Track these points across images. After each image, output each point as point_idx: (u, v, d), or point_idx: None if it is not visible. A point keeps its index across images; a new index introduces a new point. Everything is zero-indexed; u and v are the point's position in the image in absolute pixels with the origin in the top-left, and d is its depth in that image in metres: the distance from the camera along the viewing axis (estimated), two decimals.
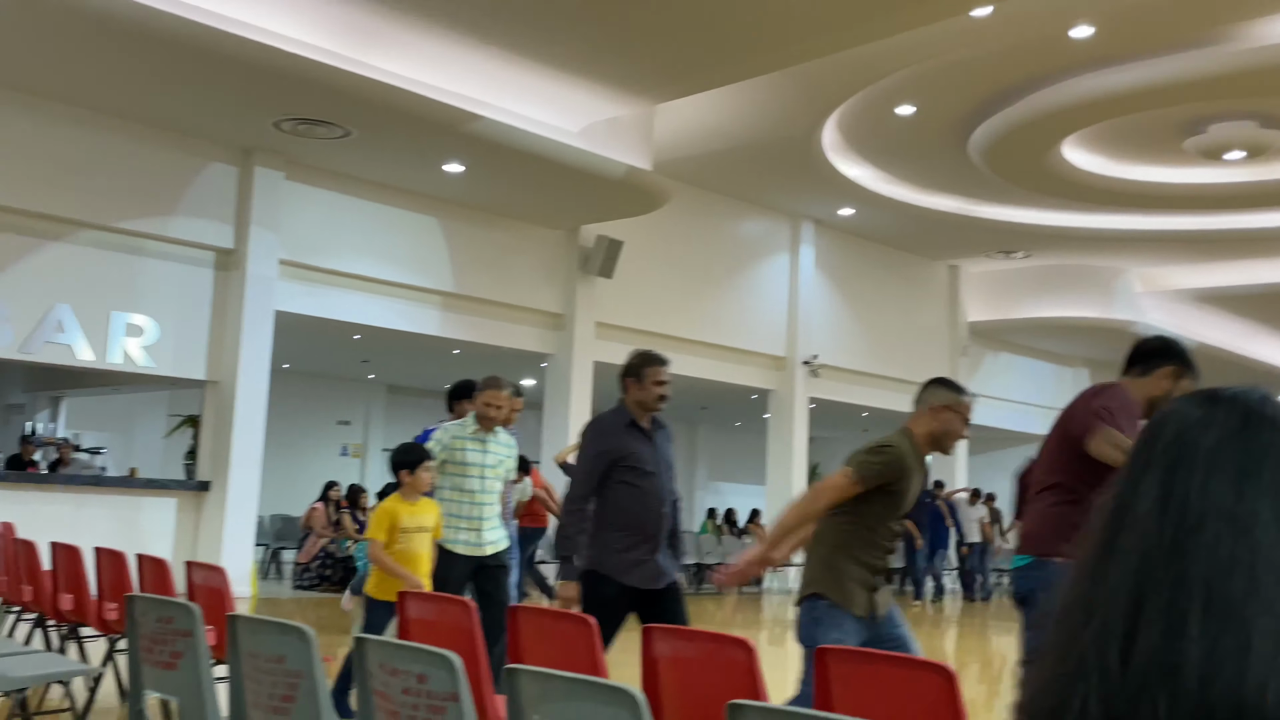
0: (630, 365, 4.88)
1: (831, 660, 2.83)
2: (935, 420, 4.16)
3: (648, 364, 4.86)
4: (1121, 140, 13.47)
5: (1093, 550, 0.98)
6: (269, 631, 2.88)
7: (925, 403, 4.21)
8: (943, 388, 4.26)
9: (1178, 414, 1.00)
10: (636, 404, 4.83)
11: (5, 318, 10.43)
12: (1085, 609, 0.94)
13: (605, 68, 10.58)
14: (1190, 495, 0.94)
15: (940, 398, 4.20)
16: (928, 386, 4.27)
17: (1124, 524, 0.96)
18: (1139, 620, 0.89)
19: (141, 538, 11.08)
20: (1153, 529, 0.93)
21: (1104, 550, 0.96)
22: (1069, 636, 0.94)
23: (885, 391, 18.73)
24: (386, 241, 12.88)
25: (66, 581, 5.60)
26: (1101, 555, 0.96)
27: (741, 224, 16.60)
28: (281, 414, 14.82)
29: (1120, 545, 0.95)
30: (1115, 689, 0.88)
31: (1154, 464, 0.97)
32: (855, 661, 2.85)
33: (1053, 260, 18.92)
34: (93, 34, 9.12)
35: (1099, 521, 0.99)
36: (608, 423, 4.87)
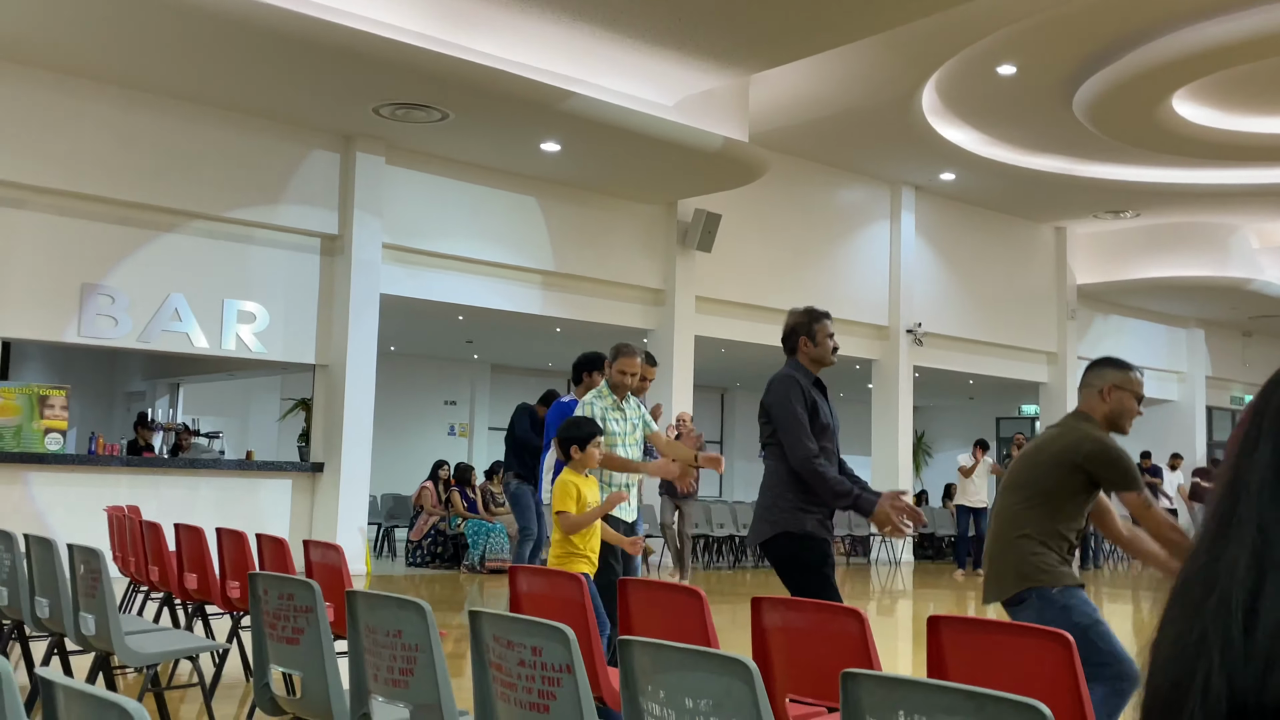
0: (799, 324, 4.77)
1: (945, 628, 2.81)
2: (1109, 402, 4.03)
3: (817, 319, 4.78)
4: (1235, 91, 12.99)
5: (1211, 523, 0.96)
6: (386, 606, 2.95)
7: (1093, 386, 4.07)
8: (1111, 368, 4.09)
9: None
10: (813, 361, 4.74)
11: (124, 308, 10.79)
12: (1205, 583, 0.93)
13: (698, 40, 10.53)
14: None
15: (1110, 378, 4.05)
16: (1094, 368, 4.12)
17: (1239, 496, 0.94)
18: (1261, 592, 0.88)
19: (259, 518, 11.42)
20: (1268, 500, 0.91)
21: (1222, 522, 0.95)
22: (1190, 611, 0.92)
23: (991, 359, 18.42)
24: (486, 222, 13.02)
25: (190, 561, 5.79)
26: (1220, 528, 0.95)
27: (840, 192, 16.42)
28: (389, 396, 15.13)
29: (1238, 517, 0.93)
30: (1239, 663, 0.86)
31: (1265, 433, 0.95)
32: (969, 630, 2.82)
33: (1163, 219, 18.36)
34: (195, 28, 9.34)
35: (1216, 494, 0.97)
36: (800, 379, 4.69)
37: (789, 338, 4.78)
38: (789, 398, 4.61)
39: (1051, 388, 19.39)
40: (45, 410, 10.55)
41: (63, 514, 10.20)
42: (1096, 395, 4.05)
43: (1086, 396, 4.08)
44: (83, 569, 4.44)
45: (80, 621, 4.41)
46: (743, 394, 23.01)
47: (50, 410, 10.58)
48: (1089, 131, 13.94)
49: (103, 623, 4.26)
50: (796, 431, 4.53)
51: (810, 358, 4.74)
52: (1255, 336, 22.69)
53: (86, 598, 4.40)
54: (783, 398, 4.62)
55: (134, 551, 6.64)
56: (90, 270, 10.68)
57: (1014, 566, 3.87)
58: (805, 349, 4.74)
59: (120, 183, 10.70)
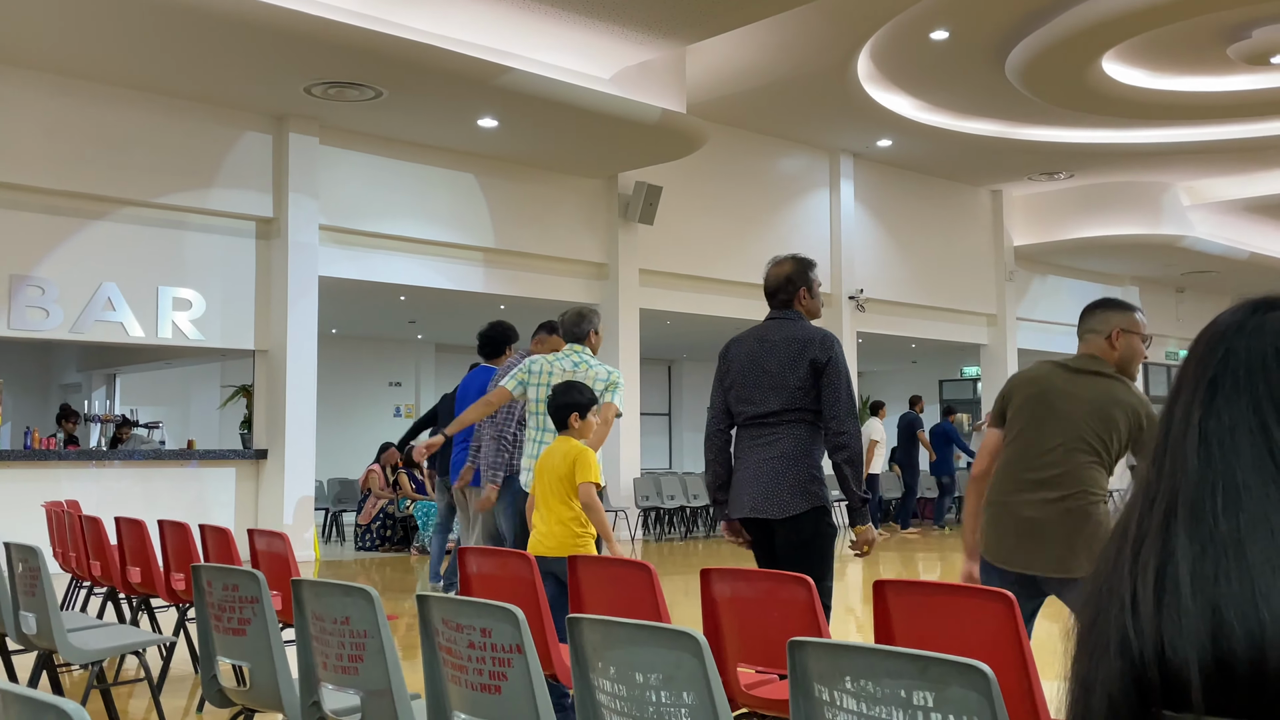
0: (796, 274, 4.34)
1: (890, 592, 2.83)
2: (1119, 348, 3.72)
3: (811, 267, 4.40)
4: (1164, 51, 13.15)
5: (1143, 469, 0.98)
6: (333, 594, 2.92)
7: (1099, 332, 3.76)
8: (1114, 310, 3.79)
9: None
10: (809, 315, 4.37)
11: (54, 299, 10.58)
12: (1125, 527, 0.95)
13: (633, 12, 10.47)
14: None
15: (1116, 321, 3.74)
16: (1093, 312, 3.80)
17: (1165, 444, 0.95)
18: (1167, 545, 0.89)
19: (203, 508, 11.29)
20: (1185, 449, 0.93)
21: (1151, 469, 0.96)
22: (1110, 553, 0.95)
23: (932, 322, 18.60)
24: (425, 201, 12.90)
25: (133, 555, 5.71)
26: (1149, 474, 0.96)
27: (780, 162, 16.45)
28: (333, 379, 14.99)
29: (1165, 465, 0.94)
30: (1142, 613, 0.88)
31: (1186, 384, 0.96)
32: (914, 593, 2.84)
33: (1097, 179, 18.60)
34: (120, 9, 9.14)
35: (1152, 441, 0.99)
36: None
37: (783, 288, 4.31)
38: (844, 363, 4.15)
39: (992, 349, 19.63)
40: None
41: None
42: (1105, 342, 3.74)
43: (1093, 343, 3.76)
44: (21, 567, 4.36)
45: (20, 620, 4.33)
46: (689, 365, 23.07)
47: None
48: (1022, 94, 14.06)
49: (44, 621, 4.19)
50: (853, 404, 4.12)
51: (808, 310, 4.33)
52: (1188, 292, 23.10)
53: (26, 596, 4.33)
54: (844, 364, 4.15)
55: (74, 547, 6.53)
56: (18, 261, 10.45)
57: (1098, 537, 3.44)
58: (804, 301, 4.32)
59: (47, 171, 10.48)
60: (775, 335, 4.24)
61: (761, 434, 4.18)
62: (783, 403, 4.15)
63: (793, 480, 4.10)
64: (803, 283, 4.31)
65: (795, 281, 4.31)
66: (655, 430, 22.37)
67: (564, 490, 4.46)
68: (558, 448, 4.58)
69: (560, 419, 4.63)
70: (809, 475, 4.09)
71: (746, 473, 4.19)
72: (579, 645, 2.43)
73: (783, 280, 4.32)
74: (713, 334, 19.65)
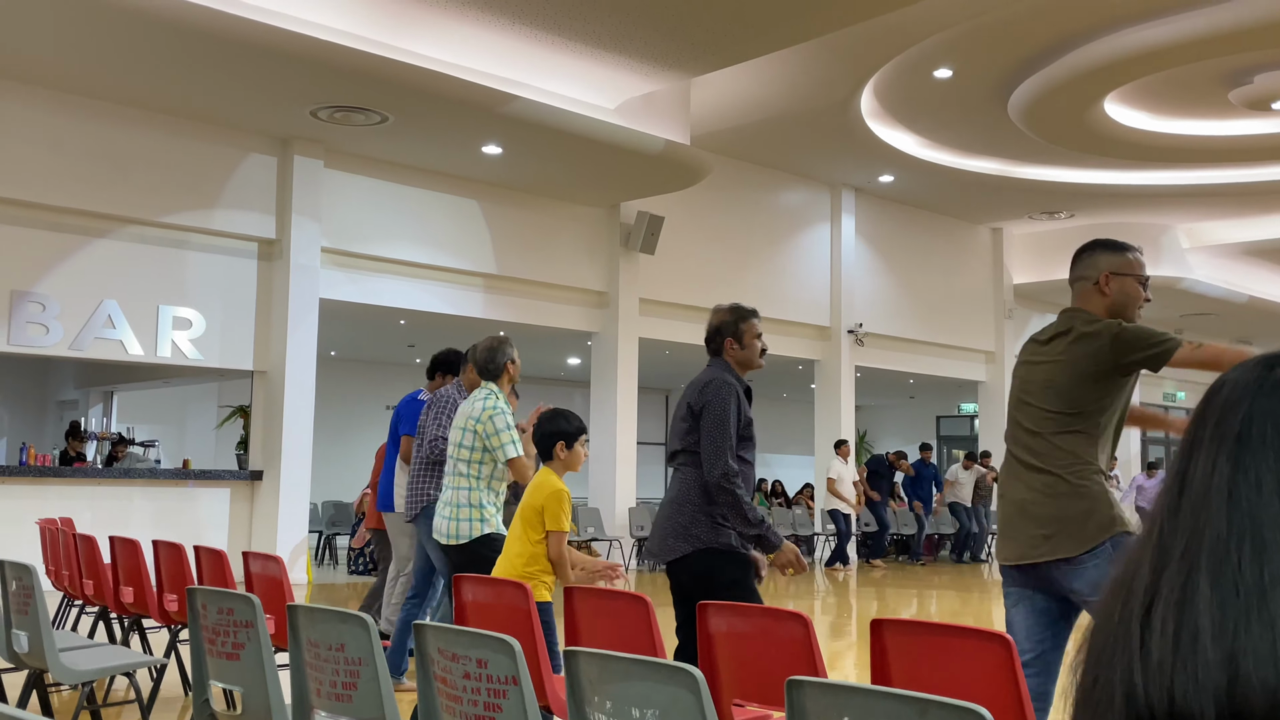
0: (724, 323, 4.39)
1: (887, 631, 2.83)
2: (1109, 293, 3.40)
3: (744, 318, 4.41)
4: (1165, 94, 13.24)
5: (1152, 522, 0.98)
6: (329, 620, 2.91)
7: (1087, 278, 3.44)
8: (1104, 251, 3.44)
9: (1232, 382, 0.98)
10: (739, 364, 4.39)
11: (55, 315, 10.58)
12: (1133, 581, 0.95)
13: (639, 44, 10.53)
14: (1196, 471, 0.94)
15: (1105, 264, 3.41)
16: (1082, 256, 3.49)
17: (1180, 499, 0.96)
18: (1185, 600, 0.89)
19: (197, 528, 11.26)
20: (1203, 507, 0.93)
21: (1161, 523, 0.96)
22: (1118, 606, 0.94)
23: (930, 358, 18.62)
24: (428, 226, 12.93)
25: (127, 575, 5.68)
26: (1158, 527, 0.96)
27: (782, 194, 16.51)
28: (330, 401, 14.98)
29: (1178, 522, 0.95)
30: (1150, 668, 0.88)
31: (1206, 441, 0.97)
32: (911, 633, 2.84)
33: (1097, 219, 18.67)
34: (128, 30, 9.19)
35: (1161, 492, 0.99)
36: (737, 388, 4.29)
37: (713, 338, 4.41)
38: (727, 408, 4.21)
39: (990, 386, 19.64)
40: None
41: None
42: (1093, 289, 3.42)
43: (1081, 292, 3.46)
44: (14, 585, 4.35)
45: (13, 639, 4.31)
46: None
47: None
48: (1024, 134, 14.14)
49: (36, 640, 4.17)
50: (723, 444, 4.15)
51: (737, 360, 4.39)
52: (1186, 334, 23.13)
53: (19, 614, 4.31)
54: (721, 407, 4.21)
55: (68, 565, 6.51)
56: (20, 277, 10.46)
57: (1090, 514, 3.25)
58: (731, 351, 4.38)
59: (51, 188, 10.50)
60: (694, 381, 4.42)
61: (672, 476, 4.41)
62: (680, 443, 4.31)
63: (677, 524, 4.19)
64: (729, 332, 4.39)
65: (722, 331, 4.40)
66: (651, 459, 22.35)
67: (529, 522, 4.30)
68: (539, 477, 4.43)
69: (545, 449, 4.43)
70: (691, 518, 4.15)
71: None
72: (576, 678, 2.43)
73: (712, 330, 4.43)
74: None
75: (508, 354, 5.34)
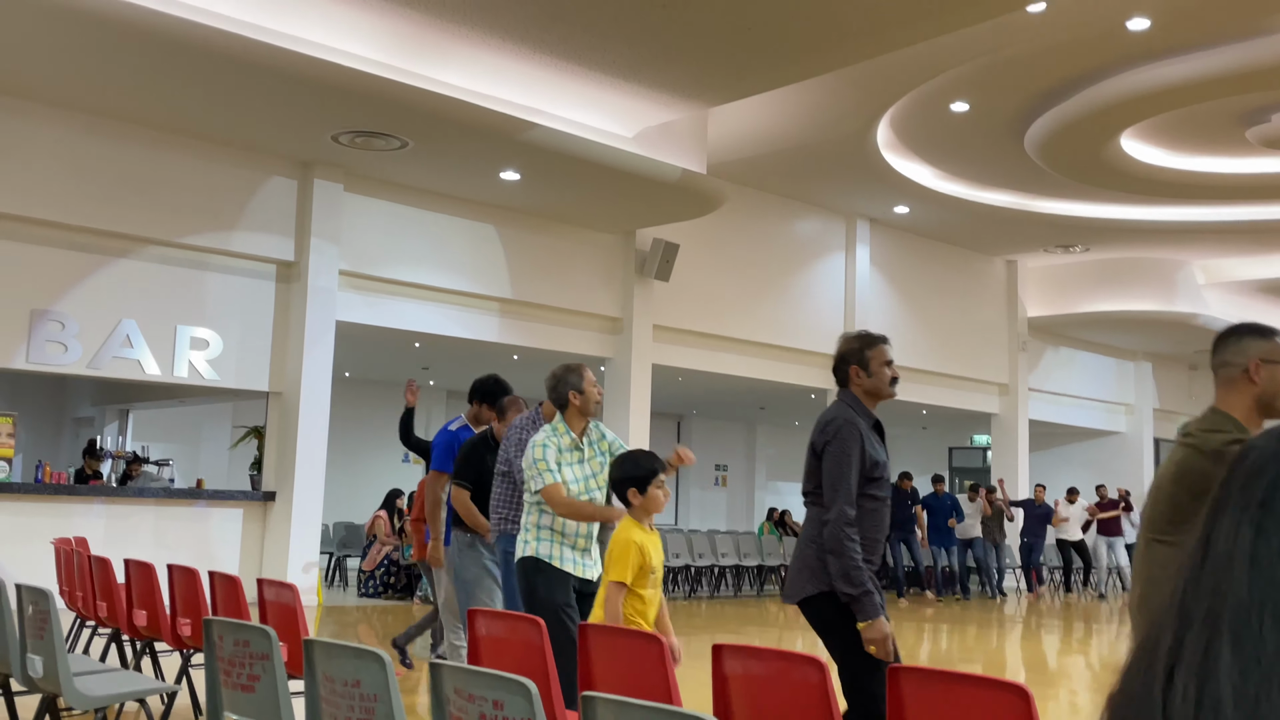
0: (849, 351, 4.10)
1: (905, 680, 2.83)
2: (1256, 381, 3.11)
3: (871, 344, 4.10)
4: (1182, 131, 13.26)
5: (1180, 581, 0.98)
6: (345, 656, 2.92)
7: (1232, 364, 3.15)
8: (1253, 337, 3.15)
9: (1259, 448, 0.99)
10: (867, 394, 4.08)
11: (74, 334, 10.65)
12: (1157, 643, 0.95)
13: (658, 74, 10.60)
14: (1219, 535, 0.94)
15: (1255, 350, 3.12)
16: (1227, 341, 3.18)
17: (1204, 560, 0.96)
18: (1207, 666, 0.90)
19: (209, 548, 11.28)
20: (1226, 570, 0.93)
21: (1186, 583, 0.97)
22: (1141, 669, 0.95)
23: (943, 389, 18.59)
24: (445, 250, 12.99)
25: (140, 598, 5.70)
26: (1184, 588, 0.96)
27: (797, 224, 16.55)
28: (343, 422, 15.01)
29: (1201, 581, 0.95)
30: None
31: (1231, 504, 0.97)
32: (930, 681, 2.84)
33: (1112, 254, 18.67)
34: (155, 53, 9.28)
35: (1188, 553, 0.99)
36: (861, 426, 4.00)
37: (839, 367, 4.11)
38: (848, 452, 3.90)
39: (1003, 418, 19.60)
40: None
41: (8, 544, 10.03)
42: (1242, 376, 3.13)
43: (1226, 378, 3.17)
44: (31, 609, 4.37)
45: (28, 663, 4.33)
46: (699, 420, 23.06)
47: None
48: (1040, 168, 14.16)
49: (50, 664, 4.19)
50: (839, 490, 3.86)
51: (865, 390, 4.07)
52: (1201, 370, 23.04)
53: (34, 639, 4.33)
54: (843, 450, 3.90)
55: (82, 586, 6.53)
56: (40, 296, 10.54)
57: None
58: (858, 380, 4.06)
59: (73, 207, 10.59)
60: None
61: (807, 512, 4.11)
62: (805, 484, 4.07)
63: (804, 564, 3.91)
64: (855, 360, 4.07)
65: (847, 359, 4.09)
66: None
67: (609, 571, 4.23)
68: (620, 524, 4.33)
69: (620, 495, 4.28)
70: (818, 558, 3.86)
71: None
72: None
73: (837, 359, 4.13)
74: (723, 391, 19.72)
75: (570, 382, 5.07)
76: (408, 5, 9.41)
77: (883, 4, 8.95)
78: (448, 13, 9.52)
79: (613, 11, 9.31)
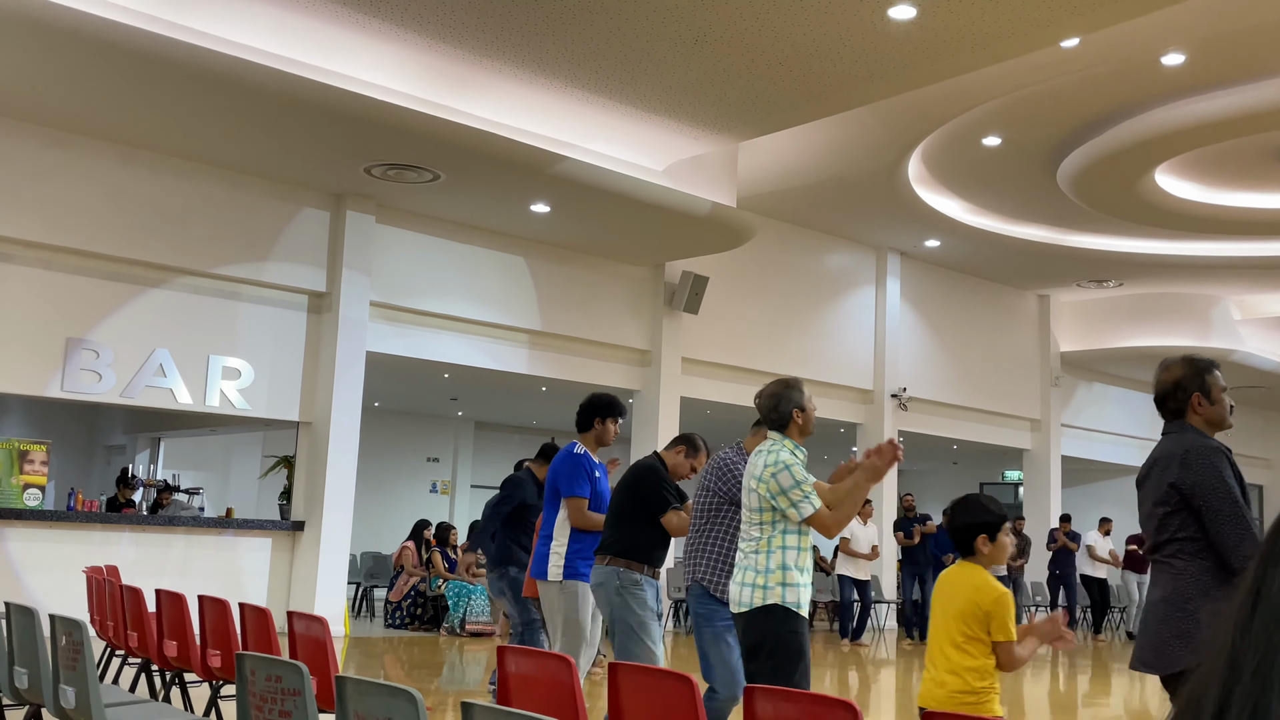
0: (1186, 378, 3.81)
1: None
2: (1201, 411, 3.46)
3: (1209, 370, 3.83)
4: (1216, 166, 13.18)
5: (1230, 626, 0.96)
6: (377, 694, 2.91)
7: None
8: None
9: None
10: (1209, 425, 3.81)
11: (108, 363, 10.74)
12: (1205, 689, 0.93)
13: (689, 108, 10.64)
14: None
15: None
16: None
17: (1256, 606, 0.94)
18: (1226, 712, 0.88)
19: (238, 577, 11.31)
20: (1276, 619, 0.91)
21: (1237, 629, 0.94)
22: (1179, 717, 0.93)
23: (975, 424, 18.48)
24: (475, 282, 13.05)
25: (171, 628, 5.71)
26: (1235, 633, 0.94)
27: (827, 257, 16.54)
28: (371, 451, 15.07)
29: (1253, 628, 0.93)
30: None
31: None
32: None
33: (1146, 289, 18.55)
34: (191, 86, 9.39)
35: (1239, 597, 0.97)
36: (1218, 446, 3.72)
37: (1172, 395, 3.73)
38: (1221, 474, 3.46)
39: (1035, 454, 19.44)
40: (25, 465, 10.46)
41: (40, 572, 10.10)
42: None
43: None
44: (64, 640, 4.38)
45: (60, 694, 4.34)
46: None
47: (30, 465, 10.49)
48: (1073, 203, 14.11)
49: (83, 695, 4.19)
50: (1240, 522, 3.39)
51: (1206, 419, 3.71)
52: (1237, 407, 22.85)
53: (67, 669, 4.34)
54: (1214, 475, 3.46)
55: (113, 616, 6.55)
56: (75, 325, 10.64)
57: None
58: (1199, 409, 3.70)
59: (109, 237, 10.70)
60: (1152, 455, 3.73)
61: (1154, 573, 3.66)
62: (1159, 536, 3.60)
63: (1178, 628, 3.46)
64: (1195, 387, 3.71)
65: (1185, 387, 3.72)
66: None
67: (962, 631, 3.66)
68: (960, 577, 3.76)
69: (964, 543, 3.80)
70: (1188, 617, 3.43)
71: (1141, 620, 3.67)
72: None
73: (1170, 386, 3.73)
74: (751, 424, 19.58)
75: (793, 400, 4.59)
76: (440, 40, 9.50)
77: (914, 40, 8.96)
78: (480, 47, 9.60)
79: (644, 46, 9.36)
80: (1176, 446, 3.60)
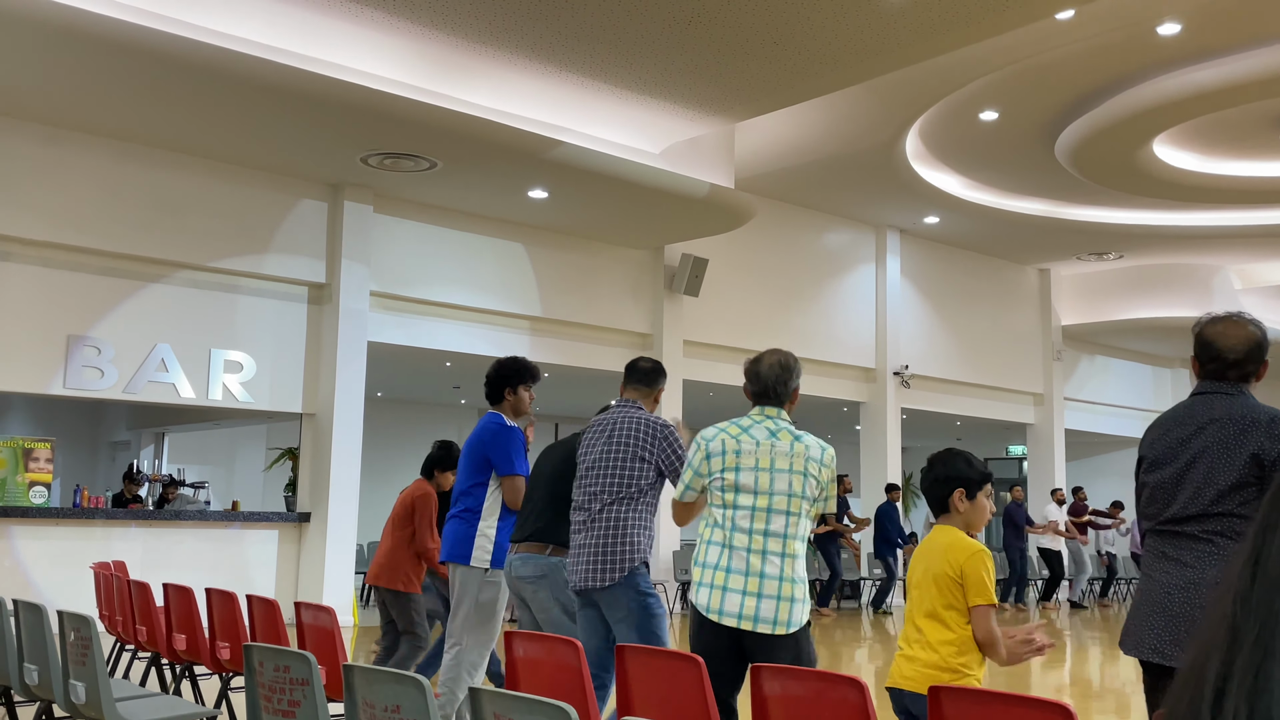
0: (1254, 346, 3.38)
1: (946, 699, 2.80)
2: None
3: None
4: (1214, 136, 13.14)
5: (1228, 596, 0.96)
6: (385, 681, 2.92)
7: None
8: None
9: None
10: None
11: (109, 359, 10.75)
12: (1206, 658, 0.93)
13: (684, 90, 10.61)
14: None
15: None
16: None
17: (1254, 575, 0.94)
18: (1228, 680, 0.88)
19: (245, 570, 11.34)
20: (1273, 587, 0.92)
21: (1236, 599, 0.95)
22: (1177, 698, 0.94)
23: (977, 400, 18.48)
24: (474, 269, 13.04)
25: (180, 622, 5.73)
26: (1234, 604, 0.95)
27: (826, 236, 16.51)
28: (374, 441, 15.08)
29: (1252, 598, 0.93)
30: None
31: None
32: (971, 701, 2.81)
33: (1147, 260, 18.52)
34: (184, 80, 9.37)
35: (1237, 564, 0.97)
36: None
37: (1252, 357, 3.33)
38: None
39: (1038, 429, 19.44)
40: (30, 463, 10.47)
41: (47, 568, 10.12)
42: None
43: None
44: (73, 636, 4.40)
45: (70, 689, 4.36)
46: None
47: (35, 463, 10.50)
48: (1071, 175, 14.07)
49: (93, 690, 4.21)
50: None
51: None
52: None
53: (76, 665, 4.36)
54: None
55: (121, 611, 6.58)
56: (76, 321, 10.65)
57: None
58: (1261, 376, 3.38)
59: (108, 233, 10.70)
60: (1204, 413, 3.28)
61: (1173, 546, 3.27)
62: (1193, 507, 3.22)
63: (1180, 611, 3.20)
64: (1266, 354, 3.40)
65: (1264, 348, 3.39)
66: None
67: (940, 599, 3.38)
68: (945, 536, 3.48)
69: (937, 497, 3.55)
70: None
71: (1149, 598, 3.29)
72: None
73: (1253, 347, 3.33)
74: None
75: (799, 375, 4.23)
76: (434, 27, 9.48)
77: (908, 16, 8.93)
78: (474, 33, 9.58)
79: (638, 28, 9.34)
80: (1248, 411, 3.20)
